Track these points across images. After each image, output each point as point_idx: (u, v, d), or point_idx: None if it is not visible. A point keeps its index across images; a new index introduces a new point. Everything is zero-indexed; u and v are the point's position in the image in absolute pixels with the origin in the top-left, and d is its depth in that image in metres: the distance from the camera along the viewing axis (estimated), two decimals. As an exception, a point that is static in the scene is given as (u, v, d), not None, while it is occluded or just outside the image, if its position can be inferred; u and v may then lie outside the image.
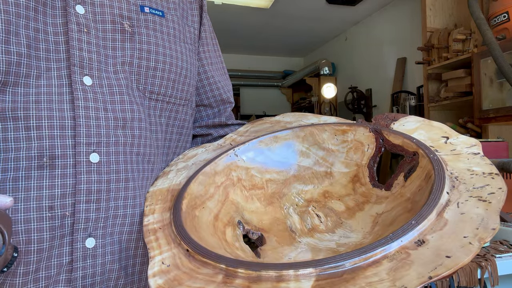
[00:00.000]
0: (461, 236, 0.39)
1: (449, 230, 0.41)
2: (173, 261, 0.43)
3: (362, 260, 0.38)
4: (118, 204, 0.54)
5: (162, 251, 0.45)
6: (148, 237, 0.48)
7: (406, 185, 0.55)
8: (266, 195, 0.61)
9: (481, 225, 0.40)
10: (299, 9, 4.21)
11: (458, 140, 0.57)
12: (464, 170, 0.51)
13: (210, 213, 0.54)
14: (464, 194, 0.46)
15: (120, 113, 0.55)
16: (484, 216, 0.42)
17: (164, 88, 0.61)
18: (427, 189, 0.48)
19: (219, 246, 0.48)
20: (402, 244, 0.39)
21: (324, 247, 0.53)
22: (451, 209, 0.44)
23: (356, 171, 0.62)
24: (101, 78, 0.55)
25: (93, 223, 0.52)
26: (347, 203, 0.60)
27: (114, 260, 0.54)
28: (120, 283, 0.55)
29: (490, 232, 0.39)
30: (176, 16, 0.67)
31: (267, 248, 0.53)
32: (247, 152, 0.62)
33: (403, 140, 0.58)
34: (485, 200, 0.44)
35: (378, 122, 0.64)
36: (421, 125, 0.62)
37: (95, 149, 0.52)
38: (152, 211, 0.53)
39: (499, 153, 1.73)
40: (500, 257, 1.09)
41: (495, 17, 2.20)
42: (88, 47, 0.54)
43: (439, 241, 0.39)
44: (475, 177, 0.49)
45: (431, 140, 0.58)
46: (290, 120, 0.71)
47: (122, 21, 0.58)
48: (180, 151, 0.67)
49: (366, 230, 0.54)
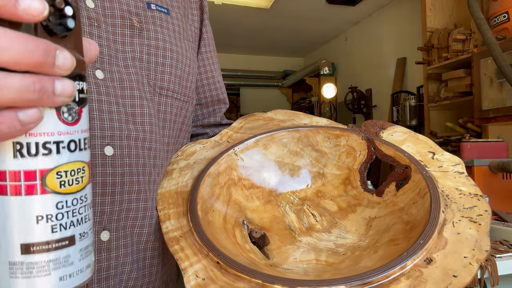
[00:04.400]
0: (462, 256, 0.42)
1: (451, 250, 0.43)
2: (206, 274, 0.43)
3: (385, 277, 0.40)
4: (132, 198, 0.55)
5: (192, 263, 0.45)
6: (173, 246, 0.48)
7: (398, 194, 0.57)
8: (264, 194, 0.61)
9: (476, 246, 0.43)
10: (299, 9, 4.21)
11: (443, 157, 0.60)
12: (453, 189, 0.54)
13: (220, 216, 0.55)
14: (457, 214, 0.49)
15: (131, 108, 0.56)
16: (477, 237, 0.45)
17: (172, 84, 0.62)
18: (423, 205, 0.50)
19: (237, 252, 0.48)
20: (415, 262, 0.42)
21: (324, 247, 0.54)
22: (449, 228, 0.46)
23: (348, 174, 0.63)
24: (112, 72, 0.55)
25: (107, 216, 0.52)
26: (339, 203, 0.61)
27: (127, 253, 0.55)
28: (132, 276, 0.55)
29: (484, 253, 0.42)
30: (179, 14, 0.67)
31: (272, 248, 0.54)
32: (245, 151, 0.63)
33: (395, 152, 0.60)
34: (476, 222, 0.47)
35: (368, 129, 0.66)
36: (408, 137, 0.64)
37: (109, 142, 0.53)
38: (167, 216, 0.53)
39: (499, 153, 1.73)
40: (500, 257, 1.09)
41: (495, 17, 2.20)
42: (99, 41, 0.54)
43: (444, 260, 0.42)
44: (464, 197, 0.52)
45: (419, 154, 0.60)
46: (283, 118, 0.72)
47: (130, 17, 0.58)
48: (178, 147, 0.68)
49: (361, 232, 0.55)
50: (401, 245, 0.47)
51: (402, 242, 0.47)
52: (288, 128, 0.66)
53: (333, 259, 0.51)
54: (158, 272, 0.59)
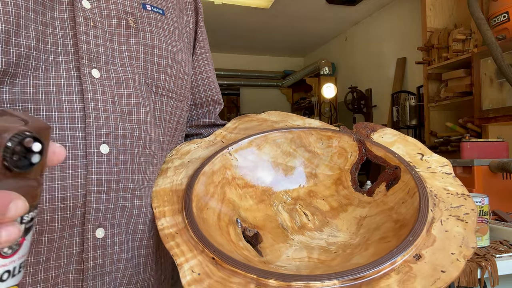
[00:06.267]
0: (449, 253, 0.44)
1: (439, 246, 0.45)
2: (202, 269, 0.44)
3: (376, 273, 0.42)
4: (127, 195, 0.55)
5: (188, 259, 0.46)
6: (168, 243, 0.49)
7: (388, 194, 0.59)
8: (257, 193, 0.62)
9: (463, 243, 0.45)
10: (299, 9, 4.21)
11: (432, 158, 0.62)
12: (441, 188, 0.55)
13: (214, 214, 0.55)
14: (445, 213, 0.51)
15: (127, 106, 0.56)
16: (464, 235, 0.47)
17: (167, 83, 0.63)
18: (412, 205, 0.52)
19: (231, 249, 0.49)
20: (405, 258, 0.43)
21: (316, 245, 0.55)
22: (437, 226, 0.48)
23: (339, 174, 0.65)
24: (108, 71, 0.56)
25: (103, 214, 0.53)
26: (331, 203, 0.63)
27: (122, 250, 0.55)
28: (127, 273, 0.56)
29: (471, 250, 0.44)
30: (174, 14, 0.68)
31: (265, 246, 0.55)
32: (239, 151, 0.64)
33: (386, 154, 0.62)
34: (463, 220, 0.49)
35: (359, 131, 0.68)
36: (398, 139, 0.67)
37: (105, 140, 0.53)
38: (163, 213, 0.54)
39: (499, 153, 1.73)
40: (500, 257, 1.09)
41: (495, 17, 2.20)
42: (95, 40, 0.55)
43: (433, 256, 0.44)
44: (451, 197, 0.54)
45: (409, 156, 0.62)
46: (276, 119, 0.73)
47: (126, 17, 0.59)
48: (173, 146, 0.68)
49: (352, 231, 0.57)
50: (391, 243, 0.48)
51: (392, 240, 0.49)
52: (281, 129, 0.68)
53: (325, 257, 0.52)
54: (152, 269, 0.59)
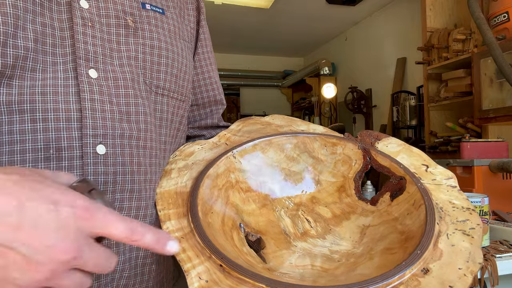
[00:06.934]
0: (457, 268, 0.43)
1: (446, 261, 0.45)
2: (210, 276, 0.43)
3: (385, 286, 0.41)
4: (124, 197, 0.54)
5: (195, 265, 0.45)
6: None
7: (392, 204, 0.58)
8: (260, 198, 0.62)
9: (469, 258, 0.45)
10: (299, 9, 4.21)
11: (436, 170, 0.61)
12: (446, 202, 0.55)
13: (218, 218, 0.55)
14: (451, 226, 0.50)
15: (125, 106, 0.56)
16: (470, 250, 0.46)
17: (168, 83, 0.62)
18: (418, 217, 0.51)
19: (236, 255, 0.48)
20: (413, 272, 0.43)
21: (318, 253, 0.54)
22: (443, 239, 0.48)
23: (343, 182, 0.64)
24: (106, 71, 0.55)
25: None
26: (333, 210, 0.62)
27: (119, 252, 0.54)
28: (124, 275, 0.55)
29: (477, 266, 0.44)
30: (175, 14, 0.68)
31: (267, 252, 0.54)
32: (244, 154, 0.63)
33: (391, 163, 0.61)
34: (469, 235, 0.49)
35: (363, 139, 0.68)
36: (403, 149, 0.66)
37: (101, 140, 0.53)
38: (168, 216, 0.53)
39: (499, 153, 1.73)
40: (500, 257, 1.09)
41: (495, 17, 2.20)
42: (93, 40, 0.54)
43: (440, 271, 0.43)
44: (457, 210, 0.53)
45: (414, 167, 0.62)
46: (281, 123, 0.73)
47: (125, 17, 0.59)
48: (176, 146, 0.68)
49: (355, 239, 0.56)
50: (397, 255, 0.47)
51: (398, 252, 0.48)
52: (286, 133, 0.67)
53: (328, 265, 0.51)
54: (151, 271, 0.59)
